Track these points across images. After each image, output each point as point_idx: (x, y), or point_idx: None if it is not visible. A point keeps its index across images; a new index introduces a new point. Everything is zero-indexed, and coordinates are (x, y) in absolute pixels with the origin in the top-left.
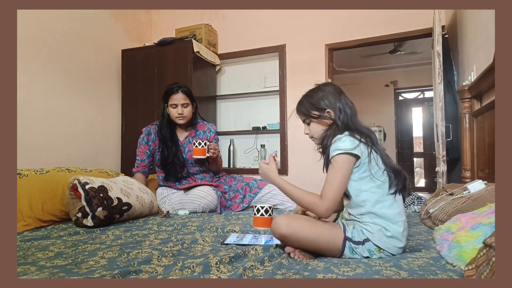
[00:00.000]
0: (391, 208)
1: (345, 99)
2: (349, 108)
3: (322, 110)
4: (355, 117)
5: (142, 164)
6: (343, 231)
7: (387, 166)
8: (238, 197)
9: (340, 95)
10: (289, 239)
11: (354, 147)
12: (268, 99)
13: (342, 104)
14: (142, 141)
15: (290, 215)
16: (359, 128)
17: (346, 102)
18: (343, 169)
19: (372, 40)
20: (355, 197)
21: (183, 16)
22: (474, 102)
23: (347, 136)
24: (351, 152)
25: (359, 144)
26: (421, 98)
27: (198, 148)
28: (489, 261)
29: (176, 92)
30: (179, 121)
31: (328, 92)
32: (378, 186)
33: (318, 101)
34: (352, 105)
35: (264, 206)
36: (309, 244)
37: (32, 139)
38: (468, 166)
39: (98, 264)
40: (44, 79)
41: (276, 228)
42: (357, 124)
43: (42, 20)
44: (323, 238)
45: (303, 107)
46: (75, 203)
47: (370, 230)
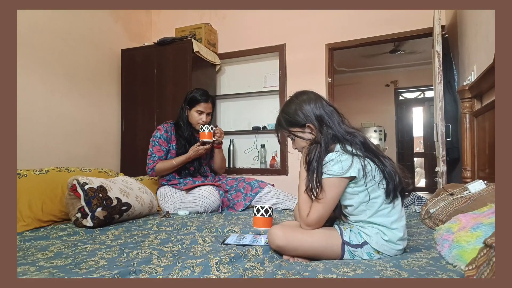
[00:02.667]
0: (389, 216)
1: (321, 105)
2: (329, 113)
3: (302, 126)
4: (338, 121)
5: (159, 160)
6: (340, 235)
7: (383, 173)
8: (240, 196)
9: (315, 102)
10: (287, 249)
11: (346, 170)
12: (268, 99)
13: (320, 112)
14: (161, 138)
15: (286, 225)
16: (345, 136)
17: (324, 108)
18: (331, 193)
19: (372, 40)
20: (352, 210)
21: (183, 16)
22: (475, 102)
23: (339, 154)
24: (342, 176)
25: (353, 162)
26: (421, 98)
27: (205, 131)
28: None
29: (206, 102)
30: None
31: (301, 103)
32: (375, 197)
33: (293, 116)
34: (332, 108)
35: (264, 206)
36: (306, 253)
37: (32, 139)
38: (469, 166)
39: (98, 264)
40: (44, 79)
41: (272, 239)
42: (342, 131)
43: (42, 20)
44: (320, 246)
45: (281, 126)
46: (75, 204)
47: (368, 234)
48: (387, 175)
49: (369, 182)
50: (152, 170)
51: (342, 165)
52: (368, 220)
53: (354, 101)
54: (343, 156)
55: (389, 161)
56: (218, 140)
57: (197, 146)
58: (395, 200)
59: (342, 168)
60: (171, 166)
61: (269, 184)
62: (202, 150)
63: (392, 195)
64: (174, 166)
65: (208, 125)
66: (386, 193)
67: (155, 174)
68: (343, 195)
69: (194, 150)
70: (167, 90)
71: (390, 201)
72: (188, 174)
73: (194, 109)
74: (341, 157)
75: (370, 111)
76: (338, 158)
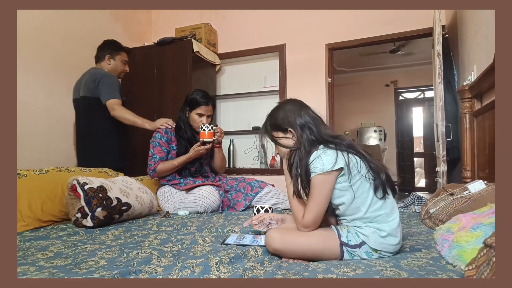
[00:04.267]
0: (382, 209)
1: (307, 113)
2: (313, 121)
3: (284, 131)
4: (322, 129)
5: (160, 162)
6: (338, 236)
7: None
8: (240, 196)
9: (301, 110)
10: (284, 252)
11: (333, 163)
12: (268, 99)
13: (304, 120)
14: (161, 139)
15: (283, 228)
16: (328, 139)
17: (309, 116)
18: (323, 190)
19: (372, 40)
20: (344, 209)
21: (183, 16)
22: (475, 102)
23: (324, 150)
24: (330, 170)
25: (337, 156)
26: (421, 98)
27: (205, 131)
28: (490, 261)
29: (206, 104)
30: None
31: (288, 111)
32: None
33: (279, 121)
34: (317, 117)
35: (264, 206)
36: (304, 255)
37: (32, 139)
38: (469, 166)
39: (98, 264)
40: (44, 79)
41: (270, 243)
42: (326, 136)
43: (42, 20)
44: (318, 247)
45: (266, 129)
46: (75, 204)
47: (365, 233)
48: (372, 171)
49: (356, 175)
50: (153, 171)
51: (328, 159)
52: (365, 217)
53: (354, 101)
54: (327, 151)
55: (375, 159)
56: (218, 139)
57: (198, 146)
58: (386, 195)
59: (329, 162)
60: (172, 167)
61: (269, 185)
62: (203, 150)
63: (381, 190)
64: (175, 166)
65: (208, 125)
66: (374, 188)
67: (156, 175)
68: (334, 193)
69: (194, 150)
70: (167, 90)
71: (382, 197)
72: (189, 174)
73: (195, 112)
74: (326, 152)
75: (370, 111)
76: (324, 154)
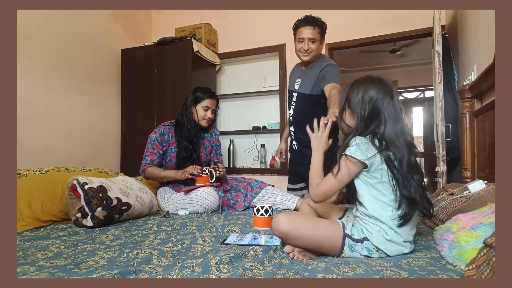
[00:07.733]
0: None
1: (388, 104)
2: (388, 115)
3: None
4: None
5: (151, 164)
6: (342, 228)
7: (401, 194)
8: (240, 196)
9: (383, 98)
10: (290, 236)
11: (361, 155)
12: (268, 99)
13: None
14: (155, 141)
15: (291, 213)
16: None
17: (387, 108)
18: (343, 170)
19: (372, 39)
20: (360, 197)
21: (183, 15)
22: (475, 102)
23: (366, 142)
24: (356, 160)
25: (369, 153)
26: (421, 97)
27: (201, 176)
28: (490, 261)
29: (212, 98)
30: (205, 123)
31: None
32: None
33: (354, 97)
34: (396, 111)
35: (264, 206)
36: (309, 241)
37: (32, 139)
38: (469, 166)
39: (98, 264)
40: (44, 79)
41: (277, 226)
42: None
43: (42, 20)
44: (322, 234)
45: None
46: (75, 203)
47: (369, 230)
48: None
49: (376, 178)
50: (143, 172)
51: (363, 149)
52: (372, 215)
53: None
54: (369, 145)
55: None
56: (221, 176)
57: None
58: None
59: (361, 153)
60: (159, 177)
61: (269, 185)
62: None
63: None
64: (161, 177)
65: (206, 168)
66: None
67: (145, 177)
68: (356, 180)
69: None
70: (167, 90)
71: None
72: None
73: (200, 105)
74: (368, 145)
75: None
76: (361, 143)
